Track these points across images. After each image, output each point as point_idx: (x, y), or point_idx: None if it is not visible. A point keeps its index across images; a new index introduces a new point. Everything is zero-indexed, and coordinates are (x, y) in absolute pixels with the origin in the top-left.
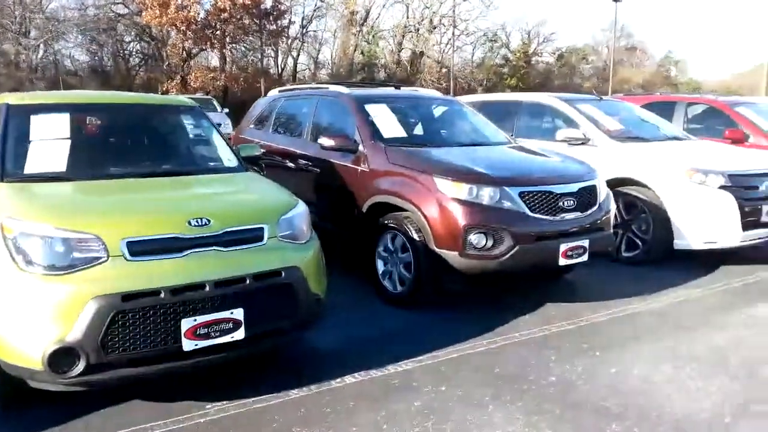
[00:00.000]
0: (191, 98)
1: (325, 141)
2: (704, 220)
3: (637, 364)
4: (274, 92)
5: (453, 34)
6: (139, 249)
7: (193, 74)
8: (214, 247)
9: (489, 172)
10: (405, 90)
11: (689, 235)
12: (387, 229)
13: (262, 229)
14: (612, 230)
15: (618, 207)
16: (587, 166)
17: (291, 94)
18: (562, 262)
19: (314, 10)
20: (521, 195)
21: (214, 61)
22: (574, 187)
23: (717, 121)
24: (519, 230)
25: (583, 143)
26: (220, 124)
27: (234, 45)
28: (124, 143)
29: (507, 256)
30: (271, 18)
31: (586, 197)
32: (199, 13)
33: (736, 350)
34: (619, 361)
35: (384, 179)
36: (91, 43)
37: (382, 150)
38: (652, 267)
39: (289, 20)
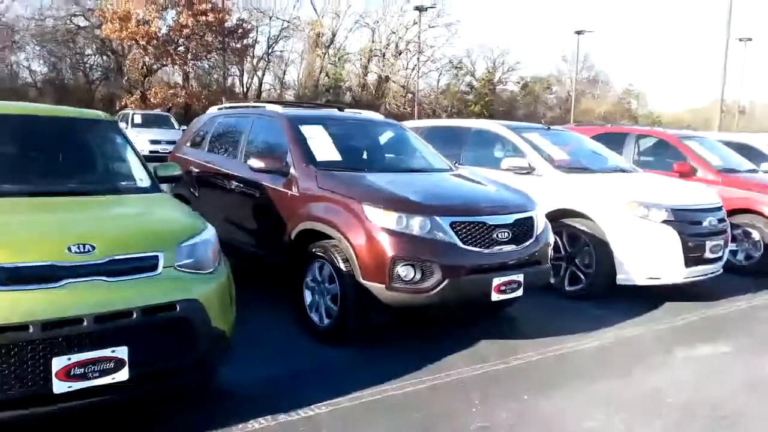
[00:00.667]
0: (150, 113)
1: (255, 162)
2: (647, 256)
3: (567, 409)
4: (212, 110)
5: (418, 59)
6: (8, 276)
7: (153, 90)
8: (97, 277)
9: (420, 201)
10: (349, 112)
11: (632, 271)
12: (315, 258)
13: (156, 257)
14: (549, 264)
15: (562, 239)
16: (525, 197)
17: (228, 112)
18: (495, 297)
19: (280, 30)
20: (453, 225)
21: (178, 77)
22: (509, 219)
23: (666, 154)
24: (449, 263)
25: (528, 173)
26: (175, 142)
27: (196, 62)
28: (24, 158)
29: (436, 290)
30: (235, 36)
31: (522, 229)
32: (160, 29)
33: (673, 393)
34: (548, 407)
35: (313, 204)
36: (50, 56)
37: (313, 173)
38: (595, 302)
39: (254, 39)
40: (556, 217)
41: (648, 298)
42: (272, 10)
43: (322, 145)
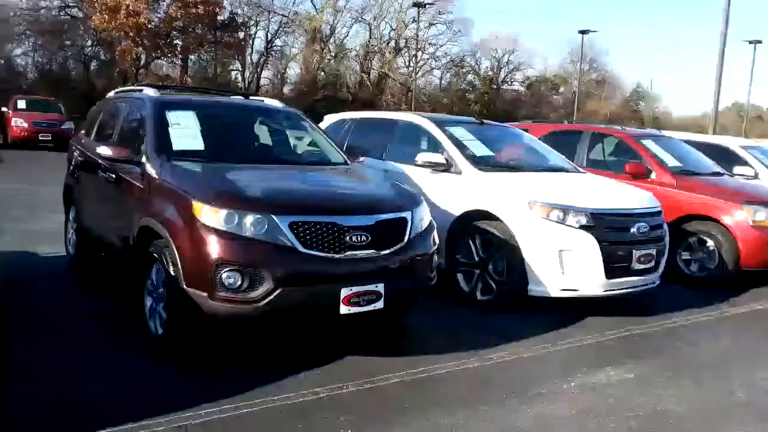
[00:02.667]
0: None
1: (104, 150)
2: (561, 265)
3: None
4: (110, 94)
5: (416, 57)
6: None
7: (145, 82)
8: None
9: (258, 197)
10: (253, 99)
11: (546, 281)
12: (153, 260)
13: None
14: (431, 272)
15: (475, 244)
16: (403, 196)
17: (116, 96)
18: (345, 310)
19: (280, 25)
20: (293, 226)
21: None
22: (369, 220)
23: (622, 154)
24: (283, 269)
25: (445, 170)
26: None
27: (189, 55)
28: None
29: (266, 300)
30: (228, 30)
31: (386, 232)
32: (151, 21)
33: (556, 428)
34: None
35: (154, 199)
36: (45, 46)
37: (159, 164)
38: (510, 315)
39: (246, 33)
40: (470, 219)
41: (572, 311)
42: (271, 4)
43: (186, 133)
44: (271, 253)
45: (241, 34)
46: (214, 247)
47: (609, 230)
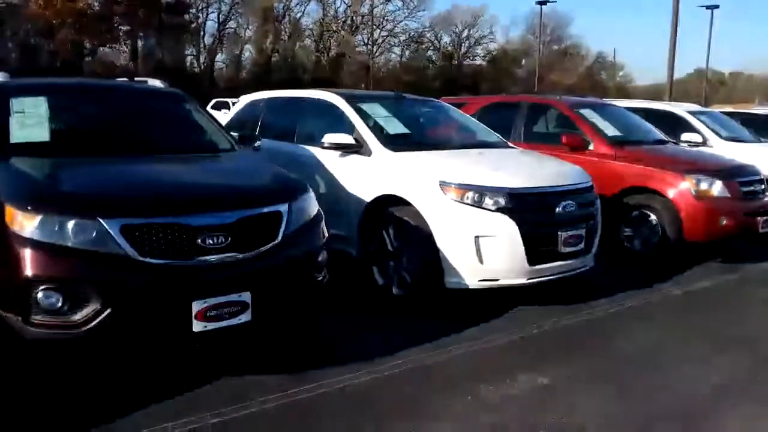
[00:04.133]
0: None
1: None
2: (479, 252)
3: None
4: None
5: (371, 34)
6: None
7: (90, 72)
8: None
9: (83, 197)
10: (137, 81)
11: (463, 271)
12: None
13: None
14: (319, 272)
15: (388, 232)
16: (273, 186)
17: None
18: (199, 327)
19: (231, 7)
20: (126, 230)
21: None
22: (227, 217)
23: (560, 125)
24: (113, 284)
25: (355, 151)
26: None
27: (135, 41)
28: None
29: (92, 324)
30: (175, 13)
31: (253, 230)
32: (91, 6)
33: None
34: None
35: None
36: None
37: None
38: (425, 310)
39: (192, 15)
40: (382, 205)
41: (501, 303)
42: None
43: (31, 123)
44: (99, 265)
45: (188, 17)
46: (27, 261)
47: (530, 211)
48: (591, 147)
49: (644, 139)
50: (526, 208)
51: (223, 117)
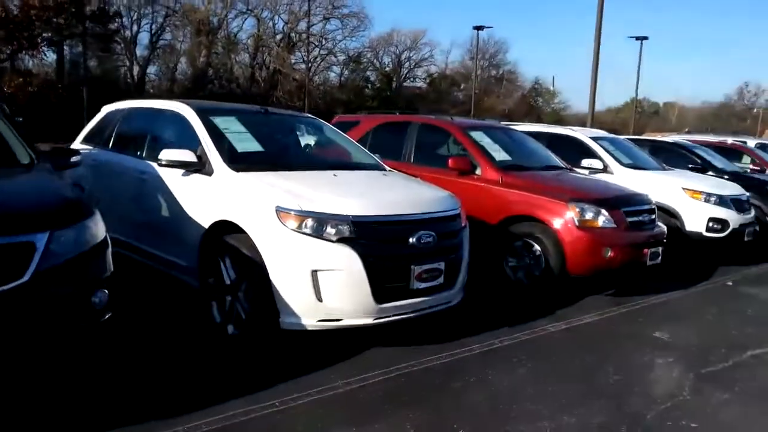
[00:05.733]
0: None
1: None
2: (318, 289)
3: None
4: None
5: (307, 51)
6: None
7: (6, 78)
8: None
9: None
10: None
11: (299, 310)
12: None
13: None
14: (92, 315)
15: (225, 263)
16: (27, 210)
17: None
18: None
19: (165, 18)
20: None
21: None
22: None
23: (449, 148)
24: None
25: (197, 170)
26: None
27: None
28: None
29: None
30: (101, 21)
31: None
32: (6, 10)
33: None
34: None
35: None
36: None
37: None
38: (262, 352)
39: (118, 24)
40: (220, 232)
41: (357, 342)
42: None
43: None
44: None
45: (114, 26)
46: None
47: (378, 242)
48: (478, 171)
49: (535, 164)
50: (373, 239)
51: None
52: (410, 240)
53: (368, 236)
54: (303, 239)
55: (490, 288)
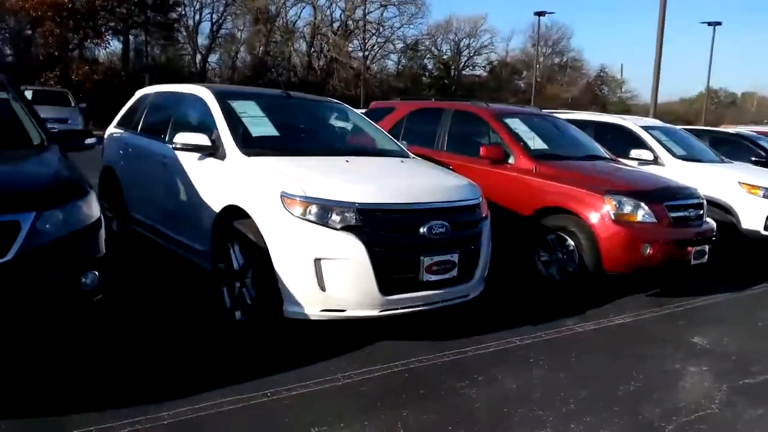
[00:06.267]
0: (45, 90)
1: None
2: (321, 278)
3: None
4: None
5: (364, 39)
6: None
7: (73, 66)
8: None
9: None
10: None
11: (303, 299)
12: None
13: None
14: (80, 295)
15: (234, 249)
16: (15, 189)
17: None
18: None
19: (225, 7)
20: None
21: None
22: None
23: (483, 135)
24: None
25: (211, 154)
26: (67, 119)
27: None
28: None
29: None
30: (162, 10)
31: None
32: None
33: None
34: None
35: None
36: None
37: None
38: (267, 340)
39: (178, 13)
40: (230, 217)
41: (364, 335)
42: None
43: None
44: None
45: (175, 15)
46: None
47: (385, 231)
48: (511, 160)
49: (574, 154)
50: (381, 228)
51: None
52: (421, 230)
53: (375, 225)
54: (306, 226)
55: (520, 283)
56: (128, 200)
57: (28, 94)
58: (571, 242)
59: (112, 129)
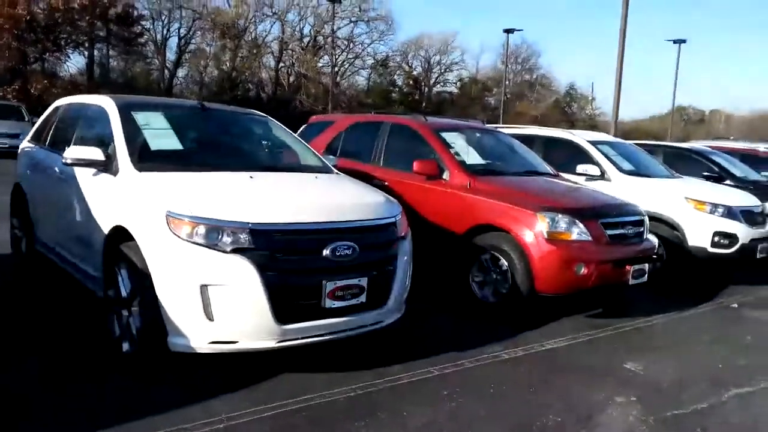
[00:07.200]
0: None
1: None
2: (209, 306)
3: None
4: None
5: (332, 55)
6: None
7: (34, 80)
8: None
9: None
10: None
11: (188, 330)
12: None
13: None
14: None
15: (122, 273)
16: None
17: None
18: None
19: (193, 21)
20: None
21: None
22: None
23: (419, 150)
24: None
25: (105, 169)
26: (19, 134)
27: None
28: None
29: None
30: (125, 24)
31: None
32: (31, 13)
33: None
34: None
35: None
36: None
37: None
38: (158, 372)
39: (144, 27)
40: (116, 240)
41: (266, 367)
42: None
43: None
44: None
45: (138, 29)
46: None
47: (282, 254)
48: (445, 176)
49: (513, 169)
50: (277, 250)
51: None
52: (324, 252)
53: (270, 247)
54: (192, 249)
55: (451, 306)
56: (33, 219)
57: None
58: (504, 262)
59: (24, 143)
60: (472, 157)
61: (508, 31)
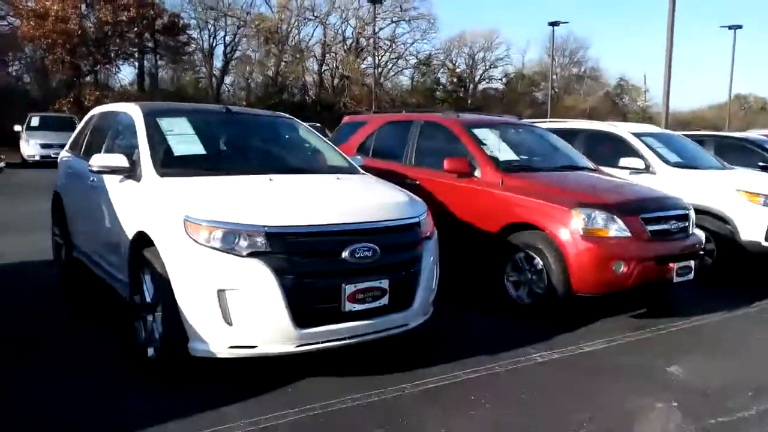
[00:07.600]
0: (51, 116)
1: None
2: (227, 311)
3: None
4: None
5: (375, 56)
6: None
7: (86, 92)
8: None
9: None
10: None
11: (208, 335)
12: None
13: None
14: None
15: (145, 279)
16: None
17: None
18: None
19: (237, 29)
20: None
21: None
22: None
23: (450, 147)
24: None
25: (129, 176)
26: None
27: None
28: None
29: None
30: (171, 34)
31: None
32: (82, 27)
33: None
34: None
35: None
36: None
37: None
38: (183, 378)
39: (187, 37)
40: (140, 244)
41: (293, 371)
42: (224, 7)
43: None
44: None
45: (185, 38)
46: None
47: (300, 257)
48: (477, 173)
49: (549, 165)
50: (294, 253)
51: None
52: (343, 254)
53: (287, 250)
54: (209, 253)
55: (485, 306)
56: (70, 227)
57: (35, 121)
58: (539, 261)
59: (63, 152)
60: (506, 153)
61: (553, 23)
